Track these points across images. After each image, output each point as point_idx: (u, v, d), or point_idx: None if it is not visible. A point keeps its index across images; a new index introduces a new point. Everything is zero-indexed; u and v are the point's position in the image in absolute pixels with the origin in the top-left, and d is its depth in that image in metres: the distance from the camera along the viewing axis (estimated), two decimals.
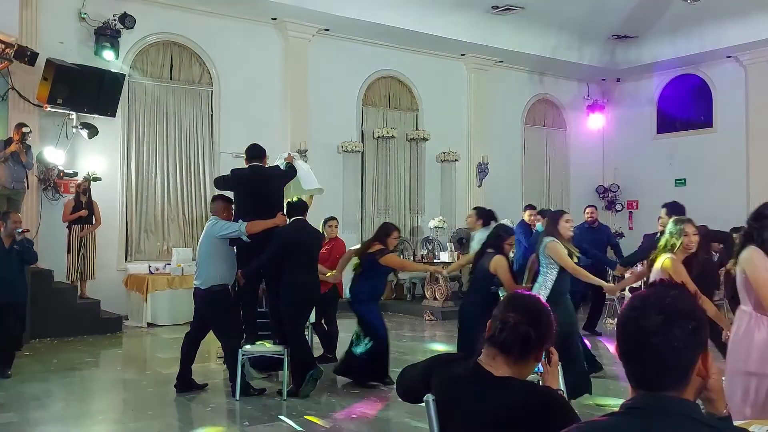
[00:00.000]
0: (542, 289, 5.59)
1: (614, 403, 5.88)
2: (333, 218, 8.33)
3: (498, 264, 5.86)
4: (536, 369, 2.28)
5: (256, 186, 6.56)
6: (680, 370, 1.44)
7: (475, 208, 7.91)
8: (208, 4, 11.37)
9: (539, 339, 2.16)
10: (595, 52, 15.15)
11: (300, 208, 6.66)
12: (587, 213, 9.95)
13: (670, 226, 4.97)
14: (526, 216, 9.80)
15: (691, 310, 1.47)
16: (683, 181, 15.28)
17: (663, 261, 4.71)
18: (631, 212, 16.37)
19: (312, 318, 7.20)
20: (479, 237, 7.84)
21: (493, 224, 7.72)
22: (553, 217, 5.95)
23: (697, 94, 15.36)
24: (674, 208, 7.16)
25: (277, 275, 6.32)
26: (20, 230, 7.04)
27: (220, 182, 7.07)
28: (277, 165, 7.04)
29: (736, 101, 14.47)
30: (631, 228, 16.11)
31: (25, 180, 9.12)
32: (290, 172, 6.97)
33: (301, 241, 6.37)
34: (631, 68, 15.53)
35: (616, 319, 9.23)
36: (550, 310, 2.24)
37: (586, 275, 5.81)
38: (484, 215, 7.96)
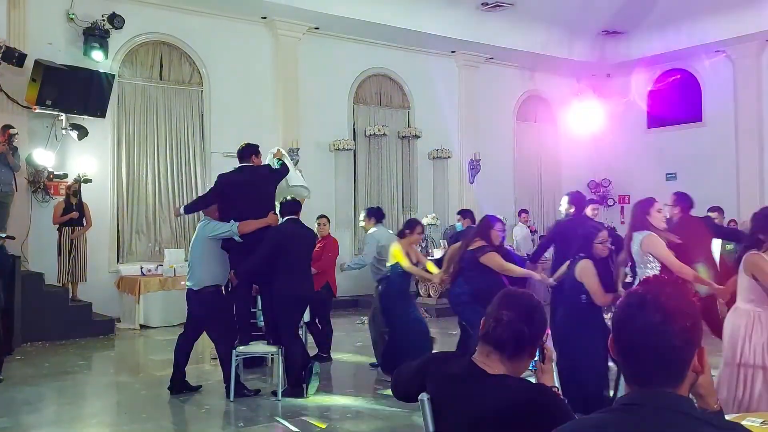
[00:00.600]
0: None
1: None
2: (323, 216, 8.30)
3: (582, 270, 5.02)
4: (531, 366, 2.28)
5: (246, 187, 6.52)
6: (678, 366, 1.45)
7: (365, 210, 7.81)
8: (197, 3, 11.32)
9: (533, 336, 2.17)
10: (584, 48, 15.19)
11: (293, 207, 6.62)
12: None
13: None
14: (589, 211, 9.63)
15: (687, 307, 1.48)
16: (674, 175, 15.34)
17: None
18: (622, 206, 16.43)
19: (306, 317, 7.17)
20: (373, 234, 7.61)
21: (383, 221, 7.66)
22: (642, 208, 5.00)
23: (686, 88, 15.42)
24: (576, 198, 7.14)
25: (270, 275, 6.29)
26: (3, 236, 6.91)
27: (201, 203, 6.74)
28: (268, 164, 7.01)
29: (725, 95, 14.53)
30: (622, 222, 16.15)
31: (12, 182, 9.06)
32: (283, 170, 6.94)
33: (293, 240, 6.34)
34: (620, 63, 15.58)
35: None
36: (543, 306, 2.24)
37: (692, 274, 4.77)
38: (374, 213, 7.83)
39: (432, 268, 7.15)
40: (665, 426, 1.39)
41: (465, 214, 8.46)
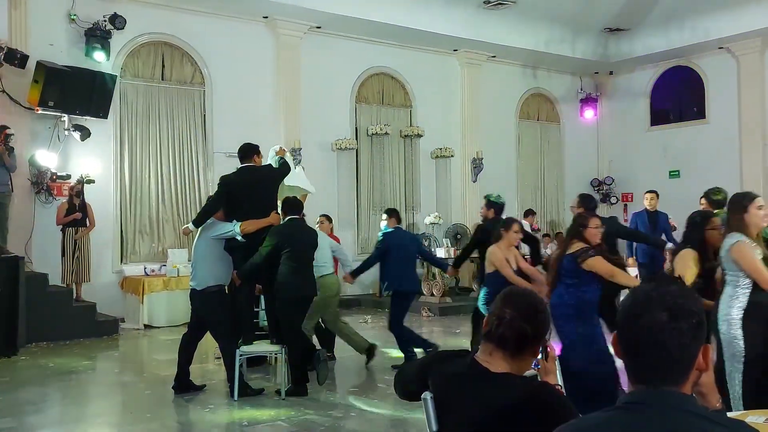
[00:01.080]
0: (734, 303, 4.16)
1: None
2: (323, 215, 8.29)
3: (681, 259, 4.42)
4: (534, 365, 2.27)
5: (248, 187, 6.52)
6: (684, 364, 1.45)
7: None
8: (198, 3, 11.32)
9: (535, 334, 2.17)
10: (587, 46, 15.17)
11: (295, 206, 6.63)
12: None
13: None
14: (648, 202, 9.38)
15: (693, 304, 1.47)
16: (677, 172, 15.32)
17: None
18: (626, 204, 16.41)
19: None
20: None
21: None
22: (739, 203, 4.26)
23: (689, 85, 15.39)
24: (491, 206, 7.37)
25: (272, 275, 6.30)
26: None
27: (208, 213, 6.42)
28: (270, 164, 7.02)
29: (729, 92, 14.50)
30: (626, 220, 16.13)
31: (9, 182, 9.06)
32: (283, 169, 6.94)
33: (295, 239, 6.35)
34: (623, 61, 15.57)
35: None
36: (545, 305, 2.24)
37: None
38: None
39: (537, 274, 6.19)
40: (672, 425, 1.38)
41: (391, 213, 7.78)
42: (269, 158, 7.13)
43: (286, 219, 6.50)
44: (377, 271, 8.25)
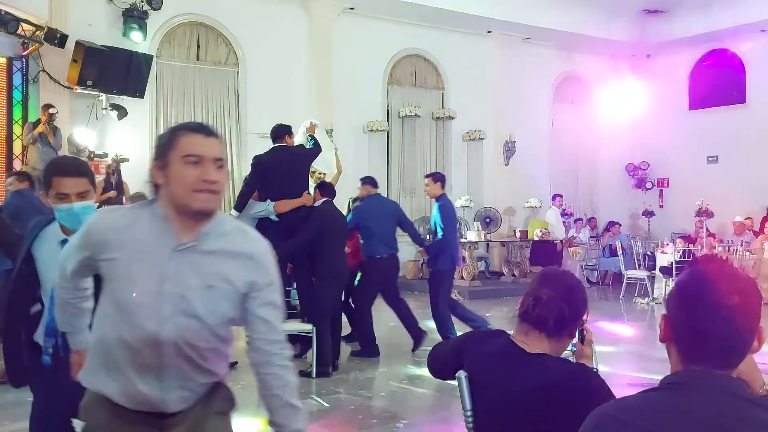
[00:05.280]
0: None
1: None
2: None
3: None
4: (570, 347, 2.26)
5: (281, 167, 6.57)
6: (744, 347, 1.42)
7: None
8: None
9: (573, 315, 2.15)
10: (624, 28, 14.89)
11: (329, 189, 6.71)
12: None
13: None
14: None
15: (755, 286, 1.44)
16: (716, 158, 15.02)
17: None
18: (661, 190, 16.16)
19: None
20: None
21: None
22: None
23: (729, 69, 15.04)
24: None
25: (307, 256, 6.37)
26: None
27: (246, 195, 6.53)
28: (302, 144, 7.05)
29: None
30: (661, 206, 15.93)
31: None
32: (315, 149, 6.98)
33: (334, 221, 6.44)
34: (661, 43, 15.25)
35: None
36: (583, 286, 2.22)
37: None
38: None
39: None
40: (718, 408, 1.34)
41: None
42: (299, 134, 7.17)
43: (323, 201, 6.56)
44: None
